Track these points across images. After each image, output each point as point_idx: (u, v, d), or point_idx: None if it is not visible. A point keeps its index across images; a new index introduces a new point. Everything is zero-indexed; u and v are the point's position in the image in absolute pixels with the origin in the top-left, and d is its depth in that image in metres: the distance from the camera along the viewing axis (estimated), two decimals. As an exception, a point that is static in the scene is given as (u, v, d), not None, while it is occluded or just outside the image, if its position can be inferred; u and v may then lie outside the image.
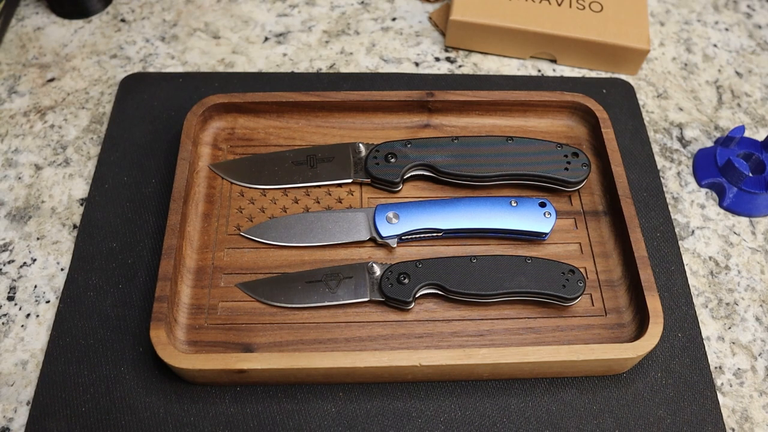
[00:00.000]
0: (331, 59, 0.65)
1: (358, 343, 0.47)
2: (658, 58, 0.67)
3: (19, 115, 0.60)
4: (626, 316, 0.48)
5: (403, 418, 0.45)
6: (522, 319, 0.48)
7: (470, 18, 0.62)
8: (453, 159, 0.53)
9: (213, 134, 0.56)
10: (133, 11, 0.68)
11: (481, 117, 0.58)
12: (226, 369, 0.43)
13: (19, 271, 0.51)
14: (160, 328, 0.44)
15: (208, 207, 0.53)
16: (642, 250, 0.48)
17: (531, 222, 0.50)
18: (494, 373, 0.46)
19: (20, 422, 0.45)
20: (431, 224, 0.50)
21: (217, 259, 0.50)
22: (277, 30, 0.67)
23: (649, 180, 0.57)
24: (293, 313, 0.48)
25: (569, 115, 0.58)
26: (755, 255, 0.54)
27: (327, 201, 0.53)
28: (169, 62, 0.64)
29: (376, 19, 0.68)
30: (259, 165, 0.54)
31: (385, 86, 0.62)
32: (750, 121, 0.63)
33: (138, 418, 0.45)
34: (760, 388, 0.48)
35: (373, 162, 0.53)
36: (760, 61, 0.67)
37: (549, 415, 0.46)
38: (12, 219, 0.54)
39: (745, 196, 0.56)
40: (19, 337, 0.48)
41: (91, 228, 0.53)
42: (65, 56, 0.64)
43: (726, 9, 0.72)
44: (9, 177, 0.56)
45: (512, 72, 0.65)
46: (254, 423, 0.45)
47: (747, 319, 0.51)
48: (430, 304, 0.49)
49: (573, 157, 0.53)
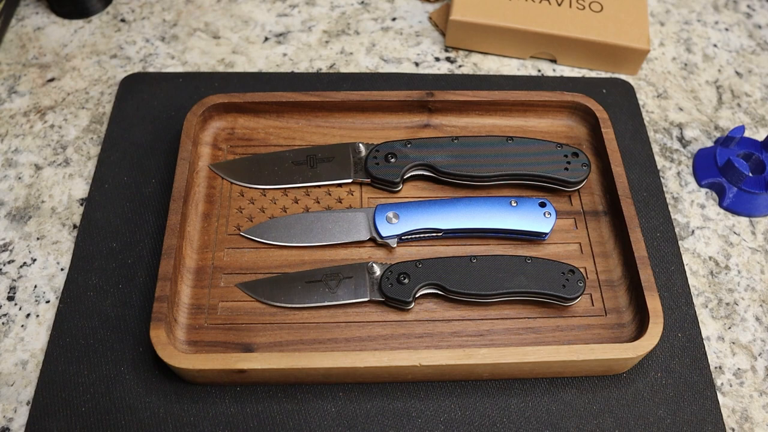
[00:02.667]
0: (331, 59, 0.65)
1: (358, 343, 0.47)
2: (658, 58, 0.67)
3: (19, 115, 0.60)
4: (626, 316, 0.48)
5: (403, 418, 0.45)
6: (522, 319, 0.48)
7: (470, 18, 0.62)
8: (453, 159, 0.53)
9: (213, 134, 0.56)
10: (133, 11, 0.68)
11: (481, 117, 0.58)
12: (226, 369, 0.43)
13: (19, 271, 0.51)
14: (160, 328, 0.44)
15: (208, 207, 0.53)
16: (642, 250, 0.48)
17: (531, 222, 0.50)
18: (494, 373, 0.46)
19: (20, 422, 0.45)
20: (431, 224, 0.50)
21: (217, 259, 0.50)
22: (277, 30, 0.67)
23: (649, 180, 0.57)
24: (293, 313, 0.48)
25: (569, 115, 0.58)
26: (755, 255, 0.54)
27: (327, 201, 0.53)
28: (169, 62, 0.64)
29: (376, 19, 0.68)
30: (259, 165, 0.54)
31: (385, 86, 0.62)
32: (750, 121, 0.63)
33: (138, 418, 0.45)
34: (760, 388, 0.48)
35: (373, 162, 0.53)
36: (760, 61, 0.67)
37: (549, 415, 0.46)
38: (12, 219, 0.54)
39: (745, 196, 0.56)
40: (19, 337, 0.48)
41: (91, 228, 0.53)
42: (65, 56, 0.64)
43: (726, 9, 0.72)
44: (9, 177, 0.56)
45: (512, 72, 0.65)
46: (254, 423, 0.45)
47: (747, 319, 0.51)
48: (430, 304, 0.49)
49: (573, 157, 0.53)
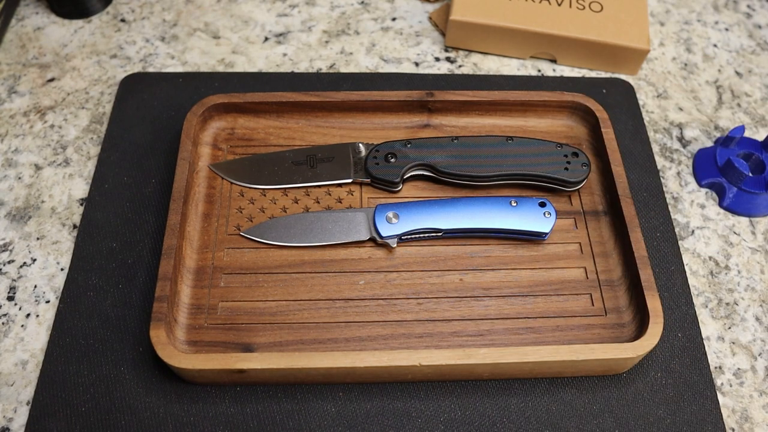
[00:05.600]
0: (331, 59, 0.65)
1: (358, 343, 0.47)
2: (658, 58, 0.67)
3: (19, 115, 0.60)
4: (626, 316, 0.48)
5: (403, 418, 0.45)
6: (522, 319, 0.48)
7: (470, 18, 0.62)
8: (453, 159, 0.53)
9: (213, 134, 0.56)
10: (133, 11, 0.68)
11: (481, 117, 0.58)
12: (226, 369, 0.43)
13: (19, 271, 0.51)
14: (160, 328, 0.44)
15: (208, 207, 0.53)
16: (642, 250, 0.48)
17: (531, 222, 0.50)
18: (494, 373, 0.46)
19: (20, 422, 0.45)
20: (431, 224, 0.50)
21: (217, 259, 0.50)
22: (277, 30, 0.67)
23: (649, 180, 0.57)
24: (293, 313, 0.48)
25: (569, 115, 0.58)
26: (755, 255, 0.54)
27: (327, 201, 0.53)
28: (169, 62, 0.64)
29: (376, 19, 0.68)
30: (259, 165, 0.54)
31: (385, 86, 0.62)
32: (750, 121, 0.63)
33: (138, 418, 0.45)
34: (760, 388, 0.48)
35: (373, 162, 0.53)
36: (760, 61, 0.67)
37: (549, 415, 0.46)
38: (12, 219, 0.54)
39: (745, 196, 0.56)
40: (19, 337, 0.48)
41: (91, 228, 0.53)
42: (65, 56, 0.64)
43: (726, 9, 0.72)
44: (9, 177, 0.56)
45: (512, 72, 0.65)
46: (254, 423, 0.45)
47: (747, 319, 0.51)
48: (430, 304, 0.48)
49: (573, 157, 0.53)
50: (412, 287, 0.49)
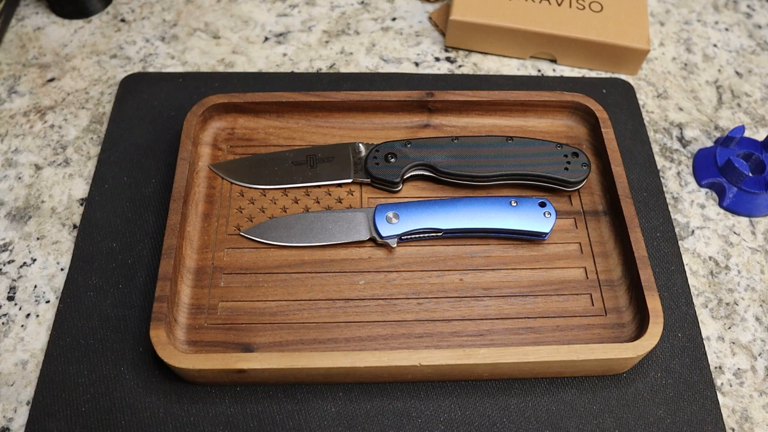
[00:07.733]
0: (331, 59, 0.65)
1: (358, 343, 0.47)
2: (658, 58, 0.67)
3: (19, 115, 0.60)
4: (626, 316, 0.48)
5: (403, 418, 0.45)
6: (522, 319, 0.48)
7: (470, 18, 0.62)
8: (453, 159, 0.53)
9: (213, 134, 0.56)
10: (133, 11, 0.68)
11: (481, 117, 0.58)
12: (226, 369, 0.43)
13: (19, 271, 0.51)
14: (160, 328, 0.44)
15: (208, 207, 0.53)
16: (642, 250, 0.48)
17: (531, 222, 0.50)
18: (494, 373, 0.46)
19: (20, 422, 0.45)
20: (431, 224, 0.50)
21: (217, 259, 0.50)
22: (277, 30, 0.67)
23: (649, 180, 0.57)
24: (293, 313, 0.48)
25: (569, 115, 0.58)
26: (755, 255, 0.54)
27: (327, 201, 0.53)
28: (169, 62, 0.64)
29: (376, 19, 0.68)
30: (259, 165, 0.54)
31: (385, 86, 0.62)
32: (750, 121, 0.63)
33: (138, 418, 0.45)
34: (760, 388, 0.48)
35: (373, 162, 0.53)
36: (760, 61, 0.67)
37: (549, 415, 0.46)
38: (12, 219, 0.54)
39: (745, 196, 0.56)
40: (19, 337, 0.48)
41: (91, 228, 0.53)
42: (65, 56, 0.64)
43: (726, 9, 0.72)
44: (9, 177, 0.56)
45: (512, 72, 0.65)
46: (254, 423, 0.45)
47: (747, 319, 0.51)
48: (430, 304, 0.48)
49: (573, 157, 0.53)
50: (412, 287, 0.49)
